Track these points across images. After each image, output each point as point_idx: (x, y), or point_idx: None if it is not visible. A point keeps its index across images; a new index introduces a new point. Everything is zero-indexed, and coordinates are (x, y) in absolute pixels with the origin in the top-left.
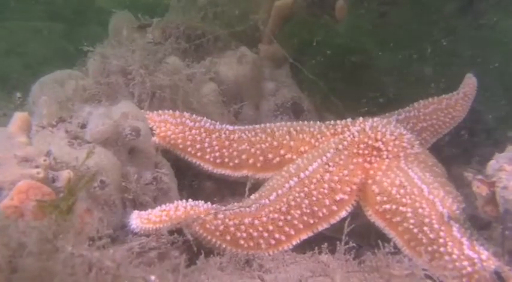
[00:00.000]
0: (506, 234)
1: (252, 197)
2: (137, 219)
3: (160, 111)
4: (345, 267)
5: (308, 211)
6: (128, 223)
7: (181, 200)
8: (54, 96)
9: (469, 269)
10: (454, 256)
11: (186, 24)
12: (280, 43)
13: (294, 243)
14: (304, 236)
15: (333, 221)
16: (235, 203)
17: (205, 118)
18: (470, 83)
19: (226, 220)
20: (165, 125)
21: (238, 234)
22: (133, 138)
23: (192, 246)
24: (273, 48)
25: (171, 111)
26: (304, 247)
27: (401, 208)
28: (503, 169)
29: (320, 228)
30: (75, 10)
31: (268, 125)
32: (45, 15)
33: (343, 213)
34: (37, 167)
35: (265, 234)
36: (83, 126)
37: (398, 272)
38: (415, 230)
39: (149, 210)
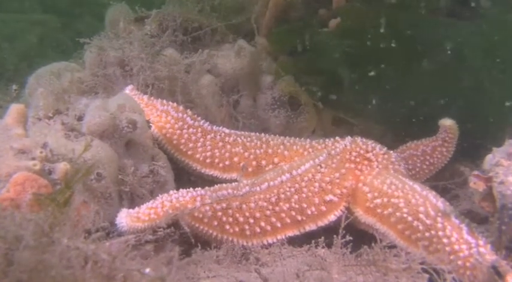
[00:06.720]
0: (503, 229)
1: (245, 181)
2: (127, 218)
3: (164, 101)
4: (341, 261)
5: (297, 206)
6: (117, 222)
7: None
8: (50, 88)
9: (466, 252)
10: (453, 239)
11: (184, 16)
12: (272, 42)
13: (279, 237)
14: (290, 233)
15: (320, 223)
16: (223, 184)
17: (204, 120)
18: (447, 127)
19: (214, 204)
20: (165, 117)
21: (224, 218)
22: (130, 130)
23: (189, 239)
24: None
25: (174, 104)
26: (301, 241)
27: (393, 200)
28: (500, 164)
29: (307, 228)
30: (71, 2)
31: (263, 134)
32: (40, 7)
33: (332, 217)
34: (33, 159)
35: (251, 221)
36: (80, 118)
37: (396, 265)
38: (410, 218)
39: (137, 208)
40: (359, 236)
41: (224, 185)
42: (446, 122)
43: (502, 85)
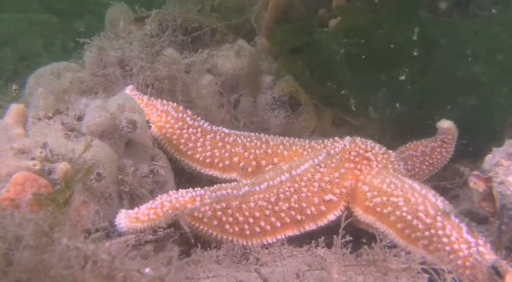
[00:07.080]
0: (503, 229)
1: (245, 181)
2: (126, 219)
3: (164, 101)
4: (341, 261)
5: (296, 206)
6: (116, 223)
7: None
8: (50, 88)
9: (466, 252)
10: (453, 238)
11: (183, 16)
12: (272, 42)
13: (279, 237)
14: (289, 232)
15: (320, 223)
16: (223, 184)
17: (204, 120)
18: (445, 129)
19: (214, 204)
20: (165, 117)
21: (224, 218)
22: (130, 130)
23: (189, 239)
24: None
25: (174, 104)
26: (301, 241)
27: (392, 199)
28: (500, 164)
29: (307, 228)
30: (71, 2)
31: (262, 135)
32: (41, 7)
33: (332, 217)
34: (33, 159)
35: (251, 220)
36: (80, 118)
37: (395, 266)
38: (409, 217)
39: (136, 209)
40: (359, 236)
41: (224, 185)
42: (444, 124)
43: (505, 84)
